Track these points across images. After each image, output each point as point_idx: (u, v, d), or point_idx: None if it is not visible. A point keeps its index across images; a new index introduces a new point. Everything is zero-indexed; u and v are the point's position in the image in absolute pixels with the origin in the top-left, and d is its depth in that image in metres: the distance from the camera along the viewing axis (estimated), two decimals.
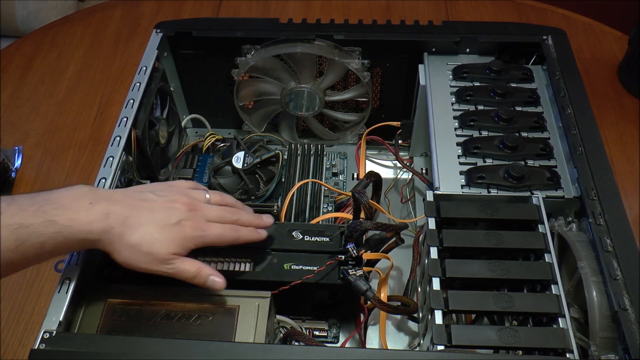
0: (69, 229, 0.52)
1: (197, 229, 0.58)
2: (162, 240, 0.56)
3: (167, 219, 0.57)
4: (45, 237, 0.51)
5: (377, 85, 0.88)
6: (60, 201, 0.53)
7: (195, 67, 0.87)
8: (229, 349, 0.52)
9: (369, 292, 0.61)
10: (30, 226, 0.51)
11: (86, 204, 0.54)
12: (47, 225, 0.51)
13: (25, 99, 1.08)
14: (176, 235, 0.57)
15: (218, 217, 0.61)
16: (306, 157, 0.85)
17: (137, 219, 0.56)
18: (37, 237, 0.51)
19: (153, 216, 0.56)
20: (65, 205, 0.53)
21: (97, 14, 1.27)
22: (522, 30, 0.82)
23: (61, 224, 0.52)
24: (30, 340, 0.54)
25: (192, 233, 0.57)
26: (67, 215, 0.52)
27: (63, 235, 0.52)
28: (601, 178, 0.64)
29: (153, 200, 0.58)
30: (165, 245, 0.56)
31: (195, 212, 0.59)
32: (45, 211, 0.52)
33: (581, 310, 0.60)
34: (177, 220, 0.57)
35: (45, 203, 0.52)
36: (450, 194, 0.66)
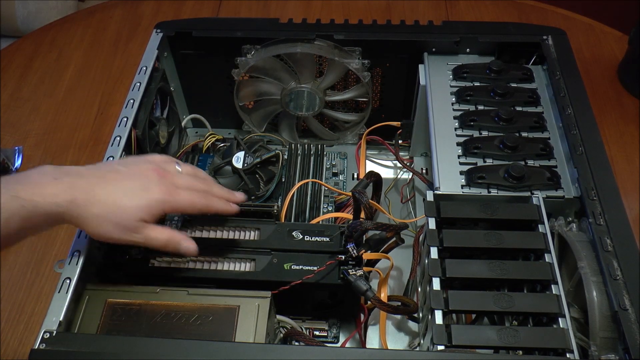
0: (32, 202, 0.51)
1: (166, 193, 0.57)
2: (129, 207, 0.55)
3: (133, 186, 0.56)
4: (10, 213, 0.50)
5: (377, 85, 0.88)
6: (24, 178, 0.53)
7: (195, 67, 0.87)
8: (229, 349, 0.52)
9: (369, 292, 0.61)
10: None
11: (50, 179, 0.53)
12: (11, 200, 0.51)
13: (25, 99, 1.08)
14: (144, 201, 0.56)
15: (188, 185, 0.60)
16: (306, 157, 0.85)
17: (103, 190, 0.55)
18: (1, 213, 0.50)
19: (120, 185, 0.56)
20: (29, 182, 0.52)
21: (97, 14, 1.27)
22: (522, 30, 0.82)
23: (24, 198, 0.51)
24: (30, 340, 0.54)
25: (161, 197, 0.56)
26: (31, 189, 0.52)
27: (27, 210, 0.51)
28: (601, 178, 0.64)
29: (121, 171, 0.57)
30: (133, 212, 0.55)
31: (165, 179, 0.58)
32: (9, 188, 0.51)
33: (581, 310, 0.60)
34: (145, 186, 0.56)
35: (9, 181, 0.52)
36: (450, 194, 0.66)
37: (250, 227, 0.68)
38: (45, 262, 0.83)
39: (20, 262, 0.83)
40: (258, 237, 0.67)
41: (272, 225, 0.68)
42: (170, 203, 0.57)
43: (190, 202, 0.59)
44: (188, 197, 0.59)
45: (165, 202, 0.57)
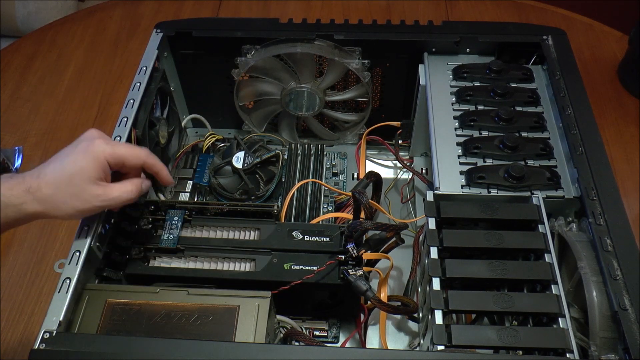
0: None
1: (106, 143, 0.57)
2: (75, 173, 0.55)
3: (73, 151, 0.56)
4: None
5: (377, 85, 0.88)
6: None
7: (195, 67, 0.87)
8: (229, 349, 0.52)
9: (369, 292, 0.61)
10: None
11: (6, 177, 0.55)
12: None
13: (25, 99, 1.08)
14: (86, 159, 0.56)
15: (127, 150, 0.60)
16: (306, 157, 0.85)
17: (49, 168, 0.56)
18: None
19: (62, 157, 0.56)
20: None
21: (97, 14, 1.27)
22: (522, 30, 0.82)
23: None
24: (31, 340, 0.54)
25: (100, 147, 0.56)
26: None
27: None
28: (601, 178, 0.64)
29: (62, 150, 0.58)
30: (83, 172, 0.55)
31: (102, 136, 0.59)
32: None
33: (581, 310, 0.60)
34: (84, 147, 0.56)
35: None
36: (450, 194, 0.66)
37: (250, 227, 0.68)
38: (45, 262, 0.83)
39: (20, 262, 0.83)
40: (258, 237, 0.67)
41: (272, 225, 0.68)
42: (111, 148, 0.57)
43: (131, 150, 0.59)
44: (128, 146, 0.59)
45: (106, 151, 0.57)
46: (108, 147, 0.57)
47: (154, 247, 0.66)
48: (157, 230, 0.67)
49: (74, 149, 0.57)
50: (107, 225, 0.65)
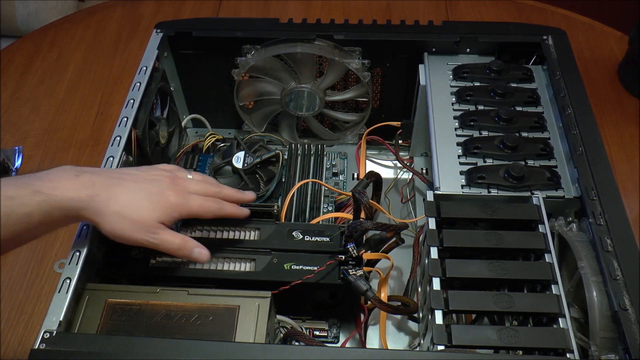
0: (53, 197, 0.53)
1: (180, 197, 0.59)
2: (147, 207, 0.56)
3: (150, 188, 0.58)
4: (31, 208, 0.52)
5: (377, 85, 0.88)
6: (46, 175, 0.54)
7: (195, 67, 0.87)
8: (229, 349, 0.52)
9: (369, 292, 0.61)
10: (15, 197, 0.51)
11: (72, 175, 0.55)
12: (33, 195, 0.52)
13: (25, 99, 1.08)
14: (160, 203, 0.57)
15: (200, 190, 0.62)
16: (306, 157, 0.85)
17: (122, 188, 0.57)
18: (22, 208, 0.51)
19: (137, 186, 0.58)
20: (50, 178, 0.54)
21: (97, 14, 1.26)
22: (522, 30, 0.82)
23: (46, 193, 0.52)
24: (30, 340, 0.54)
25: (176, 200, 0.58)
26: (52, 184, 0.53)
27: (48, 204, 0.52)
28: (601, 178, 0.64)
29: (136, 174, 0.59)
30: (151, 211, 0.56)
31: (177, 184, 0.60)
32: (30, 184, 0.53)
33: (581, 310, 0.60)
34: (160, 190, 0.58)
35: (30, 179, 0.53)
36: (450, 194, 0.66)
37: (250, 227, 0.68)
38: (45, 262, 0.83)
39: (20, 262, 0.83)
40: (258, 237, 0.67)
41: (272, 225, 0.68)
42: (183, 206, 0.59)
43: (202, 206, 0.61)
44: (200, 201, 0.61)
45: (179, 206, 0.59)
46: (183, 202, 0.59)
47: None
48: None
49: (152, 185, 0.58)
50: None
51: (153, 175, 0.60)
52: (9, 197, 0.51)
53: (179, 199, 0.59)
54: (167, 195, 0.58)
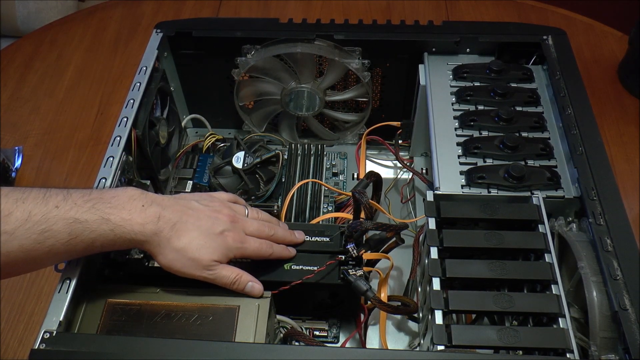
0: (121, 228, 0.54)
1: (238, 240, 0.60)
2: (206, 247, 0.57)
3: (211, 228, 0.58)
4: (97, 234, 0.53)
5: (377, 85, 0.88)
6: (114, 201, 0.55)
7: (195, 67, 0.87)
8: (229, 349, 0.52)
9: (369, 292, 0.61)
10: (85, 222, 0.52)
11: (139, 206, 0.56)
12: (101, 222, 0.53)
13: (25, 99, 1.08)
14: (219, 244, 0.58)
15: (256, 231, 0.62)
16: (306, 157, 0.85)
17: (185, 225, 0.57)
18: (89, 233, 0.53)
19: (199, 224, 0.58)
20: (119, 205, 0.55)
21: (97, 14, 1.27)
22: (522, 30, 0.82)
23: (115, 223, 0.54)
24: (30, 340, 0.54)
25: (233, 244, 0.59)
26: (122, 215, 0.54)
27: (115, 234, 0.54)
28: (601, 178, 0.64)
29: (199, 209, 0.60)
30: (210, 252, 0.58)
31: (237, 224, 0.61)
32: (100, 209, 0.53)
33: (581, 310, 0.60)
34: (221, 230, 0.59)
35: (99, 201, 0.54)
36: (450, 194, 0.66)
37: None
38: None
39: None
40: None
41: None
42: (240, 250, 0.60)
43: (256, 251, 0.61)
44: (256, 247, 0.61)
45: (237, 249, 0.60)
46: (241, 246, 0.60)
47: None
48: None
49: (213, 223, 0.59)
50: None
51: (214, 212, 0.60)
52: (79, 220, 0.52)
53: (237, 242, 0.59)
54: (227, 237, 0.59)
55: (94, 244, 0.53)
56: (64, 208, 0.52)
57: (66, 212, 0.52)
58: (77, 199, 0.53)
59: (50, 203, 0.52)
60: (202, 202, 0.61)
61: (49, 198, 0.52)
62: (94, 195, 0.55)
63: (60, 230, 0.51)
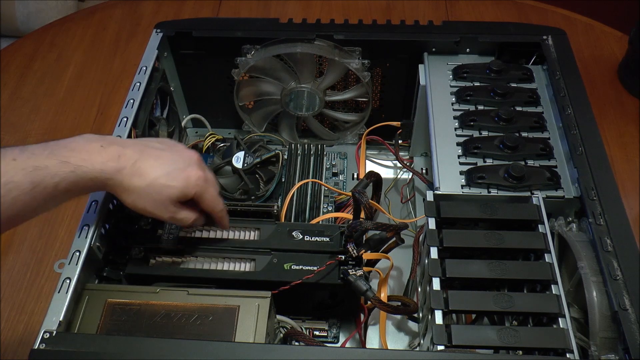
0: (82, 168, 0.54)
1: (201, 178, 0.60)
2: (168, 186, 0.58)
3: (174, 164, 0.59)
4: (59, 178, 0.53)
5: (377, 85, 0.88)
6: (72, 145, 0.55)
7: (195, 67, 0.87)
8: (229, 349, 0.52)
9: (369, 292, 0.61)
10: (45, 168, 0.52)
11: (98, 146, 0.56)
12: (61, 165, 0.53)
13: (25, 99, 1.08)
14: (181, 180, 0.58)
15: (214, 181, 0.63)
16: (306, 157, 0.85)
17: (147, 163, 0.58)
18: (51, 177, 0.53)
19: (162, 161, 0.59)
20: (77, 148, 0.55)
21: (97, 14, 1.27)
22: (522, 30, 0.82)
23: (75, 164, 0.54)
24: (31, 340, 0.54)
25: (196, 181, 0.59)
26: (81, 155, 0.55)
27: (76, 175, 0.54)
28: (601, 178, 0.64)
29: (161, 148, 0.61)
30: (170, 191, 0.58)
31: (200, 164, 0.61)
32: (58, 154, 0.54)
33: (581, 310, 0.60)
34: (184, 165, 0.59)
35: (57, 147, 0.54)
36: (450, 194, 0.66)
37: (250, 227, 0.68)
38: (45, 262, 0.83)
39: (20, 262, 0.83)
40: (258, 237, 0.67)
41: (272, 225, 0.68)
42: (201, 189, 0.60)
43: (213, 198, 0.62)
44: (215, 193, 0.62)
45: (198, 187, 0.60)
46: (202, 184, 0.60)
47: (154, 247, 0.66)
48: (157, 230, 0.67)
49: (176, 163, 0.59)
50: (107, 225, 0.65)
51: (178, 152, 0.61)
52: (39, 167, 0.52)
53: (199, 180, 0.60)
54: (190, 172, 0.59)
55: (57, 188, 0.53)
56: (22, 158, 0.52)
57: (24, 162, 0.52)
58: (34, 150, 0.53)
59: (8, 157, 0.52)
60: (163, 143, 0.62)
61: (6, 153, 0.52)
62: (52, 144, 0.55)
63: (22, 181, 0.51)
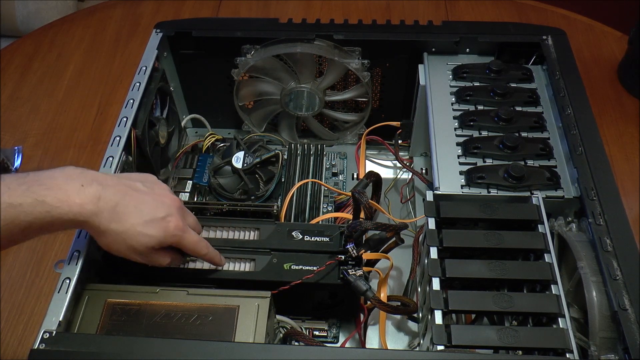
0: (58, 209, 0.52)
1: (180, 228, 0.59)
2: (145, 234, 0.57)
3: (154, 212, 0.57)
4: (33, 217, 0.51)
5: (377, 85, 0.88)
6: (51, 182, 0.53)
7: (195, 67, 0.87)
8: (229, 349, 0.52)
9: (369, 292, 0.61)
10: (19, 206, 0.50)
11: (77, 186, 0.54)
12: (36, 205, 0.51)
13: (25, 99, 1.08)
14: (159, 230, 0.57)
15: (195, 225, 0.63)
16: (306, 157, 0.85)
17: (126, 208, 0.56)
18: (25, 216, 0.51)
19: (142, 207, 0.57)
20: (55, 186, 0.52)
21: (97, 14, 1.26)
22: (522, 30, 0.82)
23: (51, 205, 0.51)
24: (30, 340, 0.54)
25: (174, 231, 0.58)
26: (58, 196, 0.52)
27: (52, 216, 0.52)
28: (601, 178, 0.64)
29: (143, 191, 0.59)
30: (147, 240, 0.57)
31: (180, 212, 0.60)
32: (35, 191, 0.51)
33: (581, 310, 0.60)
34: (164, 215, 0.58)
35: (34, 183, 0.52)
36: (450, 194, 0.66)
37: (250, 227, 0.68)
38: (45, 262, 0.83)
39: (20, 262, 0.83)
40: (258, 237, 0.67)
41: (271, 225, 0.68)
42: (179, 238, 0.59)
43: (194, 244, 0.61)
44: (195, 239, 0.61)
45: (176, 237, 0.59)
46: (179, 234, 0.59)
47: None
48: None
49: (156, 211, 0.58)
50: None
51: (160, 197, 0.59)
52: (12, 204, 0.50)
53: (177, 230, 0.58)
54: (169, 222, 0.58)
55: (31, 228, 0.51)
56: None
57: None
58: (10, 183, 0.51)
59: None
60: (146, 184, 0.60)
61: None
62: (30, 177, 0.52)
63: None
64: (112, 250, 0.58)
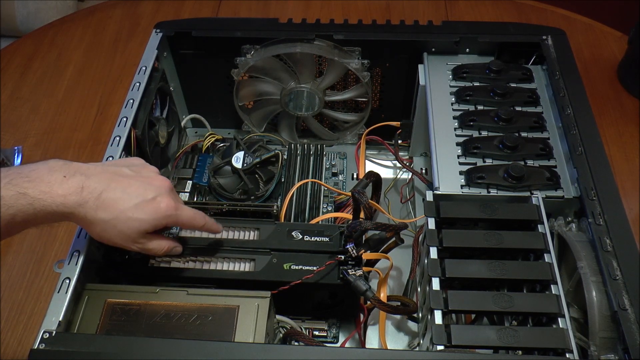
0: (41, 201, 0.51)
1: (172, 207, 0.57)
2: (136, 219, 0.55)
3: (143, 194, 0.56)
4: (16, 210, 0.50)
5: (377, 85, 0.88)
6: (33, 174, 0.52)
7: (195, 67, 0.87)
8: (228, 349, 0.52)
9: (369, 292, 0.61)
10: (1, 199, 0.50)
11: (60, 177, 0.53)
12: (18, 197, 0.50)
13: (25, 99, 1.08)
14: (150, 212, 0.56)
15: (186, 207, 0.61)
16: (306, 157, 0.85)
17: (112, 194, 0.55)
18: (7, 209, 0.50)
19: (129, 191, 0.56)
20: (38, 178, 0.52)
21: (97, 14, 1.27)
22: (522, 30, 0.82)
23: (33, 197, 0.51)
24: (30, 340, 0.54)
25: (166, 211, 0.57)
26: (40, 187, 0.51)
27: (34, 208, 0.51)
28: (601, 178, 0.64)
29: (129, 175, 0.58)
30: (138, 224, 0.56)
31: (171, 191, 0.59)
32: (17, 184, 0.51)
33: (581, 310, 0.60)
34: (153, 196, 0.57)
35: (17, 176, 0.51)
36: (450, 194, 0.66)
37: (250, 227, 0.68)
38: (45, 262, 0.83)
39: (20, 262, 0.83)
40: (258, 237, 0.67)
41: (271, 225, 0.68)
42: (174, 217, 0.58)
43: (191, 219, 0.60)
44: (191, 214, 0.60)
45: (170, 217, 0.57)
46: (173, 213, 0.57)
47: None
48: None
49: (145, 193, 0.56)
50: None
51: (147, 178, 0.58)
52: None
53: (170, 210, 0.57)
54: (159, 203, 0.56)
55: (14, 220, 0.51)
56: None
57: None
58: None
59: None
60: (133, 168, 0.59)
61: None
62: (13, 171, 0.52)
63: None
64: (104, 240, 0.57)
